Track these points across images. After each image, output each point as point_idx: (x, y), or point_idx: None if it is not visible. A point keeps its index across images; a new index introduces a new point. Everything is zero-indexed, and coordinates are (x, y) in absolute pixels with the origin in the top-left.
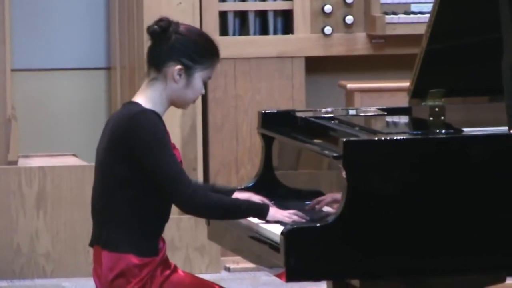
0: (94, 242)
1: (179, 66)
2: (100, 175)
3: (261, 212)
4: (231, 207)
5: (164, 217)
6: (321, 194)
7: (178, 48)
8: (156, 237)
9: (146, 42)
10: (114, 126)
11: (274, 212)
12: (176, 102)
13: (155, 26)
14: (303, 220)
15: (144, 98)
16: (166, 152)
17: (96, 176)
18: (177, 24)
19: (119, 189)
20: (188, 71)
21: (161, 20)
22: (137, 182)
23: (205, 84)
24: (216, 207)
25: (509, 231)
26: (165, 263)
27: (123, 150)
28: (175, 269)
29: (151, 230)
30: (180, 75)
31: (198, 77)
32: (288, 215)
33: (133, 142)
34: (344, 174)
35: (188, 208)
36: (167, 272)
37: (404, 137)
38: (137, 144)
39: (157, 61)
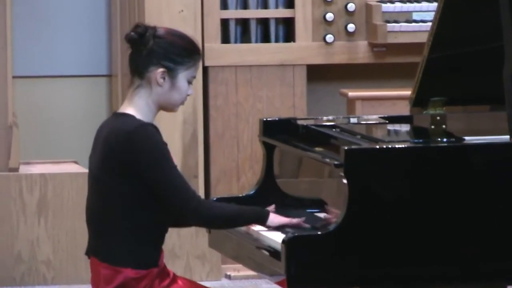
0: (91, 253)
1: (161, 69)
2: (95, 187)
3: (261, 217)
4: (234, 214)
5: (162, 228)
6: (322, 202)
7: (157, 51)
8: (157, 248)
9: None
10: (107, 140)
11: (273, 217)
12: (164, 106)
13: (132, 33)
14: (304, 226)
15: (134, 108)
16: (169, 165)
17: (91, 187)
18: (154, 28)
19: (116, 202)
20: (171, 73)
21: (137, 26)
22: (135, 195)
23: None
24: (222, 216)
25: (509, 240)
26: (163, 272)
27: (121, 165)
28: (174, 278)
29: (150, 241)
30: (163, 78)
31: (182, 77)
32: (288, 220)
33: (134, 158)
34: (345, 182)
35: (195, 218)
36: (166, 282)
37: (405, 146)
38: (139, 159)
39: (139, 68)
